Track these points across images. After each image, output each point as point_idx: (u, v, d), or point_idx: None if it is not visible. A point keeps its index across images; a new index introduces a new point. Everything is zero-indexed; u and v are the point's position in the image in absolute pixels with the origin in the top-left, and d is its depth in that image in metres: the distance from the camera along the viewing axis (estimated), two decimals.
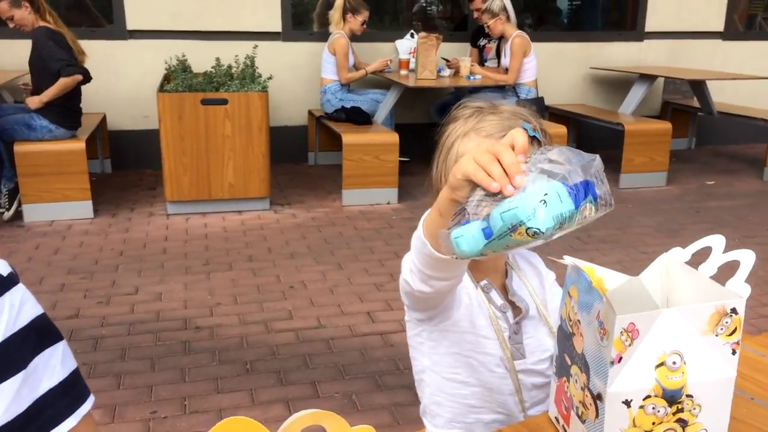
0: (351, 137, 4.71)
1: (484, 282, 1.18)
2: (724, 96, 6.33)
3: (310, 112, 5.72)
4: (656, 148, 5.24)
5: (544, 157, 0.78)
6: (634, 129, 5.21)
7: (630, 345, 0.83)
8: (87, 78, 4.24)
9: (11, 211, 4.20)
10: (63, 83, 4.07)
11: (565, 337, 0.96)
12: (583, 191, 0.75)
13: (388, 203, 4.76)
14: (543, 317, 1.19)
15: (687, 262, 0.97)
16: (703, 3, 6.49)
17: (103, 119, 5.23)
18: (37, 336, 0.76)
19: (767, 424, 0.98)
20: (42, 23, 4.08)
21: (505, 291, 1.19)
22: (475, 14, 5.68)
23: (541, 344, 1.18)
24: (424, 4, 6.59)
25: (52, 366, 0.77)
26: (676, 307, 0.85)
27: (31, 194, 4.17)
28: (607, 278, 0.93)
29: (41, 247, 3.84)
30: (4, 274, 0.75)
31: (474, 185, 0.79)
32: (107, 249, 3.83)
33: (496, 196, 0.77)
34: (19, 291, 0.76)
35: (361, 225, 4.33)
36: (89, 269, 3.55)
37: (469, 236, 0.78)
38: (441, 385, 1.19)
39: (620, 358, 0.84)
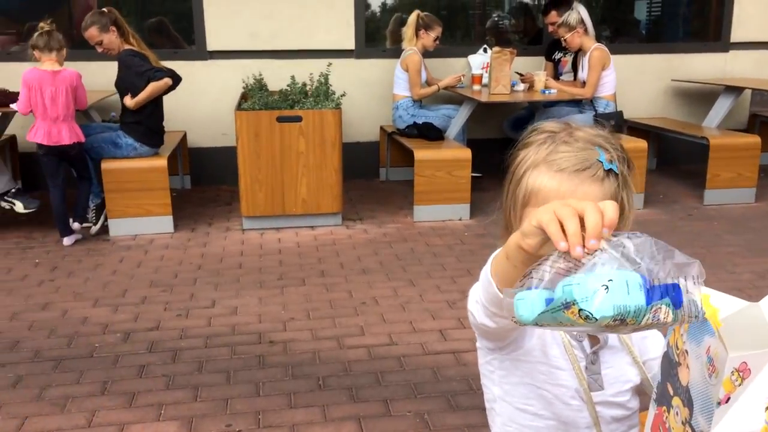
0: (423, 153, 4.69)
1: None
2: None
3: (382, 128, 5.75)
4: (744, 163, 4.98)
5: (628, 242, 0.72)
6: (720, 143, 4.98)
7: (740, 384, 0.77)
8: (176, 80, 4.40)
9: (98, 226, 4.40)
10: (154, 86, 4.25)
11: (669, 365, 0.90)
12: (661, 292, 0.70)
13: (460, 219, 4.71)
14: (625, 345, 1.13)
15: None
16: None
17: (184, 137, 5.42)
18: None
19: None
20: (127, 46, 4.28)
21: None
22: (550, 28, 5.58)
23: (621, 375, 1.12)
24: (497, 19, 6.54)
25: None
26: None
27: (116, 209, 4.35)
28: (725, 306, 0.86)
29: (125, 260, 3.99)
30: None
31: (545, 240, 0.74)
32: (186, 263, 3.94)
33: (569, 264, 0.72)
34: None
35: (433, 241, 4.30)
36: (169, 282, 3.66)
37: (529, 301, 0.73)
38: (513, 416, 1.14)
39: (728, 399, 0.77)
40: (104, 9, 4.29)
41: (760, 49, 6.16)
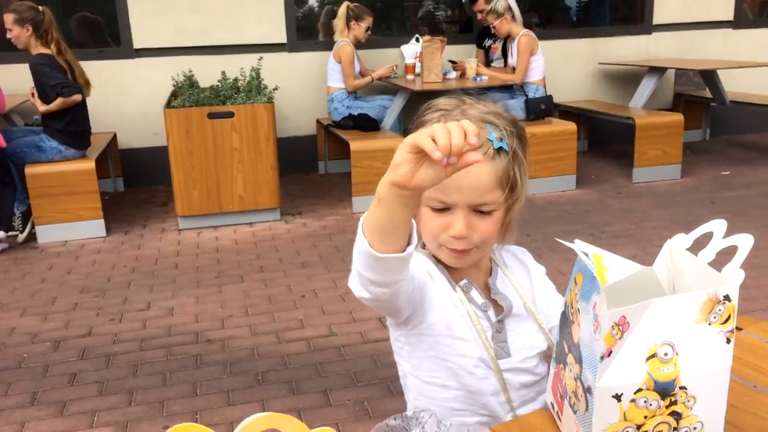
0: (359, 144, 4.70)
1: (463, 281, 1.14)
2: (736, 85, 6.24)
3: (318, 121, 5.73)
4: (669, 141, 5.16)
5: None
6: (646, 122, 5.14)
7: (620, 338, 0.80)
8: (85, 94, 4.30)
9: (25, 233, 4.25)
10: (61, 102, 4.12)
11: (565, 323, 0.93)
12: None
13: None
14: (531, 313, 1.16)
15: (690, 248, 0.94)
16: None
17: (114, 138, 5.28)
18: None
19: (767, 410, 0.94)
20: (42, 50, 4.10)
21: (487, 289, 1.16)
22: (479, 15, 5.66)
23: (528, 341, 1.15)
24: (429, 9, 6.58)
25: None
26: (666, 296, 0.82)
27: (43, 215, 4.21)
28: (618, 267, 0.90)
29: (54, 267, 3.87)
30: None
31: (416, 168, 0.78)
32: (119, 266, 3.85)
33: None
34: None
35: None
36: (101, 287, 3.56)
37: None
38: (422, 389, 1.17)
39: (610, 352, 0.81)
40: (40, 7, 4.10)
41: (682, 30, 6.39)
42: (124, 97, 5.37)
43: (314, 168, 5.84)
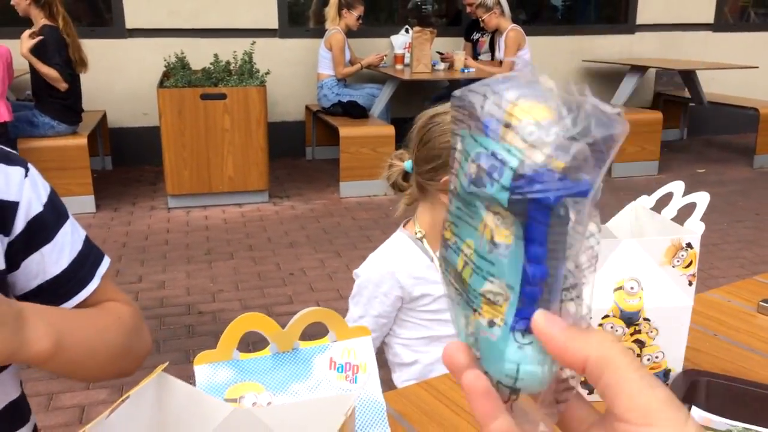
0: (348, 130, 4.80)
1: None
2: (714, 86, 6.43)
3: (307, 107, 5.81)
4: (648, 138, 5.33)
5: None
6: (626, 119, 5.27)
7: None
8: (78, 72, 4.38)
9: None
10: (51, 73, 4.14)
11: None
12: None
13: (386, 194, 4.84)
14: None
15: (652, 208, 1.06)
16: None
17: (104, 116, 5.32)
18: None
19: (723, 353, 1.07)
20: (48, 22, 4.15)
21: None
22: (468, 8, 5.77)
23: None
24: (418, 1, 6.69)
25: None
26: (634, 239, 0.94)
27: None
28: None
29: None
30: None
31: None
32: (110, 241, 3.92)
33: None
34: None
35: (359, 215, 4.42)
36: None
37: None
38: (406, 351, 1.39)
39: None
40: None
41: (664, 31, 6.56)
42: (115, 76, 5.41)
43: (302, 153, 5.92)
